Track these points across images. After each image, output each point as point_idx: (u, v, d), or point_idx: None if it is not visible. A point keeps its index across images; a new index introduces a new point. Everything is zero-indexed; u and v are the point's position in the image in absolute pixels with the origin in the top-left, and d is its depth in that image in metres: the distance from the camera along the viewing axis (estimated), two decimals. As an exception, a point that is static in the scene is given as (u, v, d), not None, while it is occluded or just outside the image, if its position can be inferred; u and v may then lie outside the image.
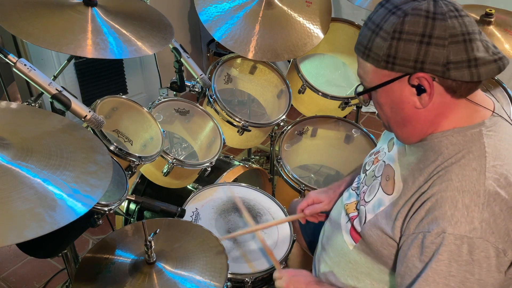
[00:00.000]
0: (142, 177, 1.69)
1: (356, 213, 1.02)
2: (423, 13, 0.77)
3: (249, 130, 1.76)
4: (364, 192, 1.02)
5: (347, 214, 1.06)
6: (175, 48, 1.55)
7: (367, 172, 1.07)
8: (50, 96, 1.07)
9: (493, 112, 0.85)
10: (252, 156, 2.46)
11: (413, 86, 0.81)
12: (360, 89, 0.92)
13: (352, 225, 1.01)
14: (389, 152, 1.02)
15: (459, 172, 0.79)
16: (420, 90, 0.81)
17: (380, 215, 0.91)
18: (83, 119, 1.11)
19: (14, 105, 1.02)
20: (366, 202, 0.98)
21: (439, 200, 0.79)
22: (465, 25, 0.77)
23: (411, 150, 0.92)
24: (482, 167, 0.79)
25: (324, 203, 1.26)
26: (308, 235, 1.39)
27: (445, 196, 0.78)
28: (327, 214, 1.29)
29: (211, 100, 1.75)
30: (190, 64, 1.61)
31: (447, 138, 0.84)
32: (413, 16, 0.77)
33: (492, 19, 1.72)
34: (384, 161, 1.01)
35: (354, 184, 1.14)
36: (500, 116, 0.86)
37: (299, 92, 1.93)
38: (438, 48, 0.76)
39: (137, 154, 1.31)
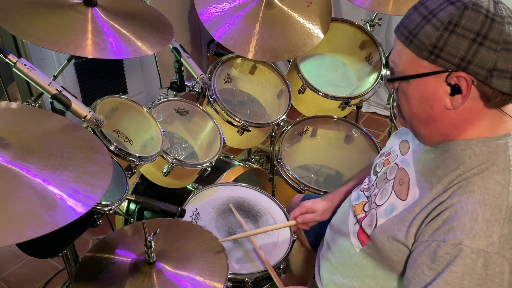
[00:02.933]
0: (142, 177, 1.69)
1: (363, 214, 1.00)
2: (483, 11, 0.73)
3: (249, 130, 1.76)
4: (375, 195, 1.00)
5: (355, 215, 1.04)
6: (175, 48, 1.55)
7: (378, 175, 1.04)
8: (50, 96, 1.06)
9: None
10: (252, 156, 2.46)
11: (449, 84, 0.77)
12: (390, 75, 0.86)
13: (361, 227, 0.99)
14: (402, 155, 0.99)
15: (481, 185, 0.77)
16: (455, 90, 0.77)
17: (393, 221, 0.89)
18: (83, 119, 1.10)
19: (14, 105, 1.02)
20: (378, 205, 0.96)
21: (459, 211, 0.77)
22: None
23: (429, 155, 0.89)
24: (506, 181, 0.77)
25: (317, 213, 1.25)
26: (311, 234, 1.38)
27: (465, 208, 0.76)
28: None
29: (211, 100, 1.75)
30: (190, 64, 1.61)
31: (471, 148, 0.81)
32: (473, 11, 0.73)
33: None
34: (396, 164, 0.98)
35: (364, 185, 1.12)
36: None
37: (299, 92, 1.93)
38: (489, 51, 0.73)
39: (137, 154, 1.31)
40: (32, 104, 1.20)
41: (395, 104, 0.91)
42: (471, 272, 0.74)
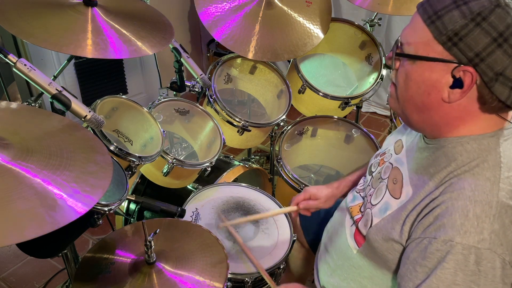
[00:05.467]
0: (142, 177, 1.69)
1: (360, 215, 1.01)
2: None
3: (249, 130, 1.76)
4: (370, 195, 1.00)
5: (351, 217, 1.05)
6: (175, 48, 1.55)
7: (373, 174, 1.05)
8: (50, 96, 1.06)
9: (510, 121, 0.83)
10: (252, 156, 2.46)
11: (453, 77, 0.76)
12: (397, 49, 0.83)
13: (357, 228, 0.99)
14: (396, 154, 0.99)
15: (472, 181, 0.77)
16: (456, 83, 0.76)
17: (387, 220, 0.89)
18: (83, 119, 1.10)
19: (14, 105, 1.02)
20: (373, 205, 0.96)
21: (450, 208, 0.77)
22: None
23: (422, 154, 0.89)
24: (496, 177, 0.77)
25: (320, 200, 1.26)
26: (310, 235, 1.39)
27: (456, 204, 0.77)
28: (326, 210, 1.28)
29: (211, 100, 1.75)
30: (190, 64, 1.61)
31: (462, 145, 0.82)
32: (503, 10, 0.72)
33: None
34: (391, 163, 0.99)
35: (359, 186, 1.12)
36: None
37: (299, 92, 1.93)
38: (504, 55, 0.72)
39: (137, 154, 1.31)
40: (32, 104, 1.20)
41: (391, 83, 0.90)
42: (463, 269, 0.74)
